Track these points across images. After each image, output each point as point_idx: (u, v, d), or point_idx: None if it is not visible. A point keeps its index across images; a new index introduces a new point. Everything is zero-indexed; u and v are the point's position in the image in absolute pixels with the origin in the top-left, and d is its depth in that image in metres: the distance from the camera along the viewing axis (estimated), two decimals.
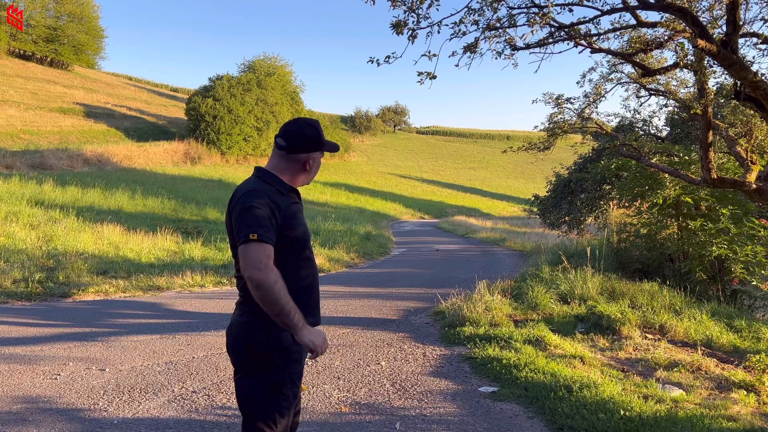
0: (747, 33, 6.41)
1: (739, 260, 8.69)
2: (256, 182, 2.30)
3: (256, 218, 2.13)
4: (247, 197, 2.19)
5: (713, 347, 6.23)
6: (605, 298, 8.00)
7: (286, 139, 2.34)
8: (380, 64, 5.72)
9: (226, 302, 8.64)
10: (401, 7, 5.43)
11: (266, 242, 2.12)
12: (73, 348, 5.72)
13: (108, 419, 3.92)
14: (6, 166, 23.81)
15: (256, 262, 2.08)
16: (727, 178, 7.37)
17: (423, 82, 5.64)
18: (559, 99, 9.83)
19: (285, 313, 2.11)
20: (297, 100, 54.06)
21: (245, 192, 2.23)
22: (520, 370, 4.92)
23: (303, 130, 2.35)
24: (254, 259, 2.08)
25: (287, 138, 2.34)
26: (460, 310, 7.11)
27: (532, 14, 5.67)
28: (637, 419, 3.79)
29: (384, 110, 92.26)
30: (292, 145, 2.34)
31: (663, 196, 9.54)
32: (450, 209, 43.91)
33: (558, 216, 17.58)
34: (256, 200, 2.17)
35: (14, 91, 39.93)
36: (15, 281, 8.91)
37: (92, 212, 16.22)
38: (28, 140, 30.97)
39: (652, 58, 8.64)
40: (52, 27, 51.27)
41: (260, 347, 2.21)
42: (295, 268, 2.29)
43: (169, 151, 37.89)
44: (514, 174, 72.34)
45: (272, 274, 2.09)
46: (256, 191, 2.22)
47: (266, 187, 2.26)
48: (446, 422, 3.99)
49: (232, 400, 4.33)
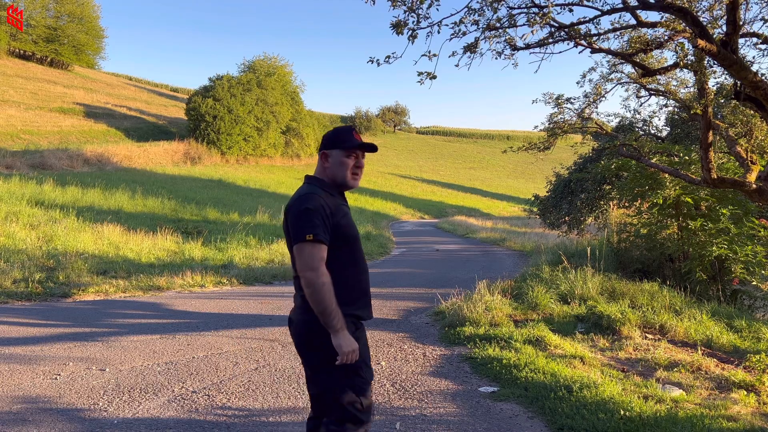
0: (747, 33, 6.41)
1: (739, 260, 8.69)
2: (308, 187, 2.49)
3: (310, 220, 2.31)
4: (302, 200, 2.38)
5: (713, 347, 6.23)
6: (605, 298, 8.00)
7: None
8: (380, 64, 5.72)
9: (226, 302, 8.64)
10: (401, 7, 5.43)
11: (321, 242, 2.31)
12: (73, 348, 5.72)
13: (108, 419, 3.92)
14: (6, 166, 23.81)
15: (309, 262, 2.28)
16: (727, 178, 7.36)
17: (423, 82, 5.65)
18: (559, 99, 9.83)
19: (327, 314, 2.29)
20: (297, 100, 54.05)
21: (300, 196, 2.42)
22: (520, 370, 4.92)
23: (327, 132, 2.60)
24: (308, 260, 2.28)
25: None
26: (460, 310, 7.11)
27: (532, 14, 5.67)
28: (637, 419, 3.79)
29: (384, 110, 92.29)
30: (320, 147, 2.60)
31: (663, 196, 9.53)
32: (450, 209, 43.92)
33: (558, 216, 17.57)
34: (310, 203, 2.35)
35: (14, 91, 39.93)
36: (15, 281, 8.92)
37: (92, 212, 16.22)
38: (28, 140, 30.97)
39: (652, 58, 8.64)
40: (52, 27, 51.27)
41: (329, 342, 2.35)
42: (344, 265, 2.44)
43: (169, 151, 37.89)
44: (514, 174, 72.35)
45: (322, 276, 2.29)
46: (309, 195, 2.40)
47: (317, 190, 2.45)
48: (446, 422, 3.99)
49: (233, 400, 4.33)
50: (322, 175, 2.55)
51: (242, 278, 10.93)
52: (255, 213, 21.80)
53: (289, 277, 11.68)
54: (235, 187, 32.64)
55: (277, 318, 7.45)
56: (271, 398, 4.40)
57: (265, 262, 12.88)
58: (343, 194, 2.59)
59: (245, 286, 10.58)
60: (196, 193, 25.80)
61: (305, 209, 2.33)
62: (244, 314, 7.72)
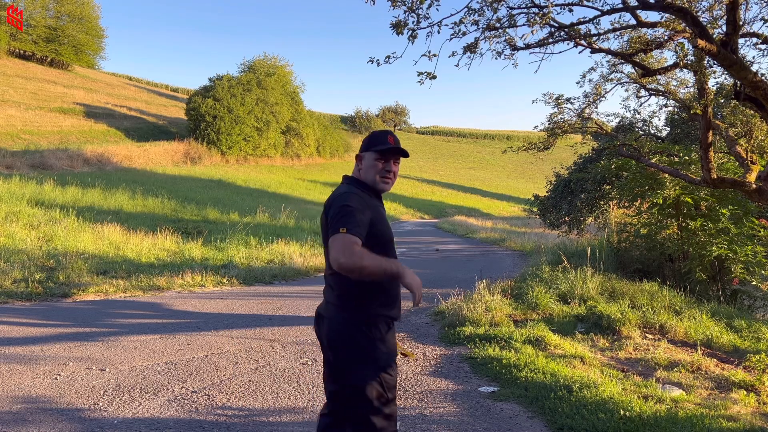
0: (747, 33, 6.41)
1: (739, 260, 8.69)
2: (347, 186, 2.56)
3: (348, 215, 2.33)
4: (342, 198, 2.43)
5: (713, 347, 6.23)
6: (605, 298, 8.00)
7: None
8: (380, 64, 5.72)
9: (226, 302, 8.64)
10: (401, 7, 5.43)
11: (355, 235, 2.29)
12: (73, 348, 5.73)
13: (108, 419, 3.93)
14: (6, 166, 23.82)
15: (340, 249, 2.23)
16: (727, 178, 7.36)
17: (423, 82, 5.65)
18: (559, 99, 9.82)
19: (384, 270, 2.29)
20: (297, 100, 54.08)
21: (341, 193, 2.48)
22: (520, 370, 4.92)
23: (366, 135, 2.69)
24: (340, 247, 2.24)
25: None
26: (460, 310, 7.12)
27: (532, 14, 5.68)
28: (637, 419, 3.79)
29: (384, 110, 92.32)
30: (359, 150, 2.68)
31: (663, 196, 9.53)
32: (450, 209, 43.93)
33: (558, 216, 17.56)
34: (350, 201, 2.40)
35: (14, 91, 39.94)
36: (15, 281, 8.92)
37: (92, 212, 16.22)
38: (28, 140, 30.99)
39: (652, 58, 8.64)
40: (52, 27, 51.28)
41: (364, 340, 2.42)
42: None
43: (169, 151, 37.92)
44: (514, 174, 72.37)
45: (355, 255, 2.22)
46: (349, 193, 2.46)
47: (354, 189, 2.52)
48: (446, 422, 3.99)
49: (233, 400, 4.33)
50: (357, 176, 2.64)
51: (242, 278, 10.94)
52: (255, 213, 21.81)
53: (289, 278, 11.69)
54: (235, 187, 32.65)
55: (277, 318, 7.45)
56: (271, 398, 4.40)
57: (265, 262, 12.88)
58: (379, 196, 2.65)
59: (245, 286, 10.59)
60: (196, 193, 25.80)
61: (346, 205, 2.36)
62: (244, 314, 7.73)
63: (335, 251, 2.24)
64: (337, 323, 2.47)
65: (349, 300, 2.45)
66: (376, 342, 2.44)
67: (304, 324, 7.08)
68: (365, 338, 2.41)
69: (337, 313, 2.47)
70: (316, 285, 11.06)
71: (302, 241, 16.00)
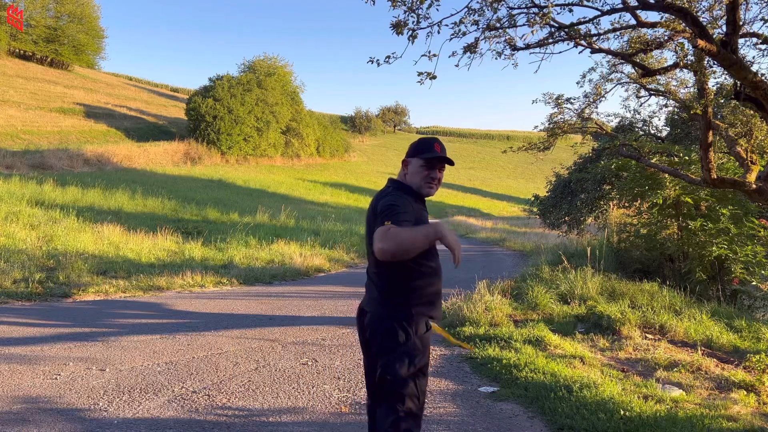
0: (747, 33, 6.41)
1: (739, 260, 8.70)
2: (394, 189, 2.63)
3: (395, 211, 2.40)
4: (390, 198, 2.53)
5: (713, 347, 6.23)
6: (605, 298, 8.00)
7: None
8: (380, 64, 5.73)
9: (226, 302, 8.64)
10: (401, 7, 5.44)
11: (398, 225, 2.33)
12: (73, 348, 5.72)
13: (108, 419, 3.92)
14: (6, 166, 23.82)
15: (380, 236, 2.28)
16: (727, 178, 7.36)
17: (423, 82, 5.66)
18: (559, 99, 9.83)
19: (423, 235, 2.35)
20: (297, 100, 54.05)
21: (388, 193, 2.59)
22: (520, 370, 4.92)
23: (413, 141, 2.76)
24: (379, 235, 2.28)
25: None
26: (460, 310, 7.12)
27: (532, 14, 5.68)
28: (637, 419, 3.79)
29: (384, 110, 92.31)
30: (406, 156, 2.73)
31: (663, 196, 9.54)
32: (450, 209, 43.91)
33: (558, 216, 17.57)
34: (398, 201, 2.49)
35: (14, 91, 39.94)
36: (15, 281, 8.91)
37: (92, 212, 16.22)
38: (28, 140, 30.99)
39: (652, 58, 8.64)
40: (52, 27, 51.28)
41: (405, 336, 2.49)
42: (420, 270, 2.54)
43: (169, 151, 37.91)
44: (514, 174, 72.37)
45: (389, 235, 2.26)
46: (396, 194, 2.56)
47: (400, 191, 2.61)
48: (446, 422, 3.99)
49: (233, 400, 4.33)
50: (403, 180, 2.70)
51: (242, 278, 10.94)
52: (255, 213, 21.79)
53: (289, 278, 11.70)
54: (235, 187, 32.64)
55: (277, 318, 7.45)
56: (271, 398, 4.40)
57: (265, 262, 12.88)
58: (423, 201, 2.71)
59: (245, 286, 10.58)
60: (196, 193, 25.80)
61: (393, 204, 2.45)
62: (244, 314, 7.73)
63: (377, 240, 2.29)
64: (379, 316, 2.56)
65: (392, 297, 2.54)
66: (416, 339, 2.51)
67: (304, 324, 7.08)
68: (406, 335, 2.49)
69: (380, 308, 2.57)
70: (316, 285, 11.07)
71: (302, 242, 15.99)
